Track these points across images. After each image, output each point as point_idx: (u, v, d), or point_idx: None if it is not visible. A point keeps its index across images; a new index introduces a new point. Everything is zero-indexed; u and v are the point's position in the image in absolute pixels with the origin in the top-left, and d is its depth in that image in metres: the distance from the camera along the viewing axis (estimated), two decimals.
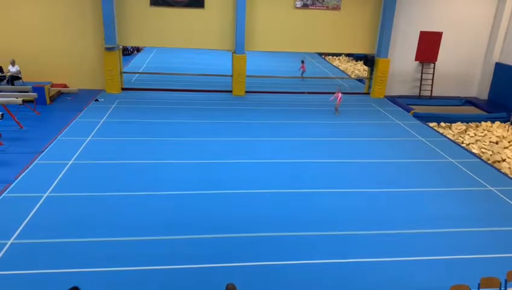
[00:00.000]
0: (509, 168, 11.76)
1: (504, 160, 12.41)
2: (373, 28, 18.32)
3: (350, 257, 7.13)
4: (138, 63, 25.93)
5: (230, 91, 18.28)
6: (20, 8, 16.26)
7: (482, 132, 14.83)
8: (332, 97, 15.77)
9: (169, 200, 8.76)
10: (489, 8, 18.55)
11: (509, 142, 13.92)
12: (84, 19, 16.67)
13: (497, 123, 15.71)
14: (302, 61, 23.03)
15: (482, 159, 12.06)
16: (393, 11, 17.63)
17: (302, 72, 22.68)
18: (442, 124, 15.64)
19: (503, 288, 5.84)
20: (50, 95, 15.64)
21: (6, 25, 16.37)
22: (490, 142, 13.91)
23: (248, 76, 18.12)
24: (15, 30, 16.47)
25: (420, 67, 19.25)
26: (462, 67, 19.43)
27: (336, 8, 17.79)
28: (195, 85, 19.13)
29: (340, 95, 15.56)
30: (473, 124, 15.65)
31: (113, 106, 15.46)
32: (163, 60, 27.31)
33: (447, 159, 11.84)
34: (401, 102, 17.80)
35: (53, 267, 6.49)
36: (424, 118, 15.75)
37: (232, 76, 18.15)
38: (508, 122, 15.89)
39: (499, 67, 18.76)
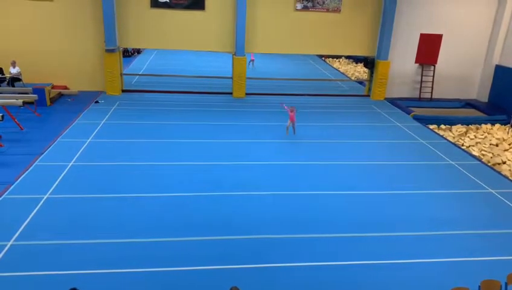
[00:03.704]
0: (510, 170, 11.75)
1: (504, 162, 12.41)
2: (373, 30, 18.35)
3: (350, 259, 7.12)
4: (138, 64, 25.98)
5: (231, 93, 18.29)
6: (21, 9, 16.28)
7: (482, 134, 14.84)
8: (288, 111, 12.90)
9: (170, 202, 8.75)
10: (489, 10, 18.58)
11: (509, 144, 13.91)
12: (84, 20, 16.69)
13: (497, 125, 15.71)
14: (252, 61, 25.52)
15: (482, 162, 12.06)
16: (394, 13, 17.66)
17: (250, 61, 25.10)
18: (442, 126, 15.64)
19: None
20: (50, 96, 15.65)
21: (7, 27, 16.38)
22: (490, 144, 13.90)
23: (248, 78, 18.13)
24: (16, 32, 16.49)
25: (420, 70, 19.27)
26: (462, 69, 19.45)
27: (336, 10, 17.82)
28: (195, 87, 19.13)
29: (292, 113, 12.77)
30: (473, 127, 15.66)
31: (113, 107, 15.47)
32: (164, 62, 27.34)
33: (447, 161, 11.84)
34: (401, 104, 17.81)
35: (53, 268, 6.49)
36: (424, 120, 15.75)
37: (232, 78, 18.17)
38: (508, 125, 15.89)
39: (499, 69, 18.78)
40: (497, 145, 13.79)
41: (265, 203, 8.91)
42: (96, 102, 16.03)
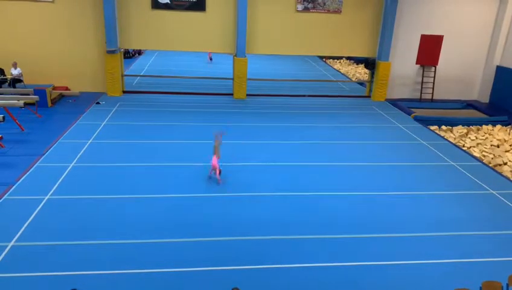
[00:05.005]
0: (511, 171, 11.73)
1: (505, 163, 12.39)
2: (374, 31, 18.35)
3: (351, 260, 7.12)
4: (139, 66, 25.99)
5: (231, 94, 18.31)
6: (22, 10, 16.32)
7: (483, 135, 14.81)
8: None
9: (171, 203, 8.76)
10: (490, 11, 18.57)
11: (510, 145, 13.88)
12: (85, 22, 16.73)
13: (498, 126, 15.68)
14: (210, 57, 28.68)
15: (483, 163, 12.04)
16: (394, 14, 17.66)
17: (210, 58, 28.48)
18: (443, 127, 15.62)
19: None
20: (51, 97, 15.68)
21: (8, 28, 16.43)
22: (491, 145, 13.88)
23: (249, 79, 18.15)
24: (17, 33, 16.53)
25: (421, 71, 19.26)
26: (463, 70, 19.43)
27: (337, 11, 17.83)
28: (196, 88, 19.16)
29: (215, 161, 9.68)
30: (474, 128, 15.63)
31: (114, 108, 15.49)
32: (165, 63, 27.37)
33: (448, 162, 11.83)
34: (402, 105, 17.80)
35: (54, 269, 6.49)
36: (425, 121, 15.73)
37: (233, 79, 18.18)
38: (510, 126, 15.86)
39: (500, 70, 18.76)
40: (498, 146, 13.76)
41: (266, 204, 8.90)
42: (97, 103, 16.05)
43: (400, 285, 6.56)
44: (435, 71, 19.21)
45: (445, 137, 14.31)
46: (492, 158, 12.69)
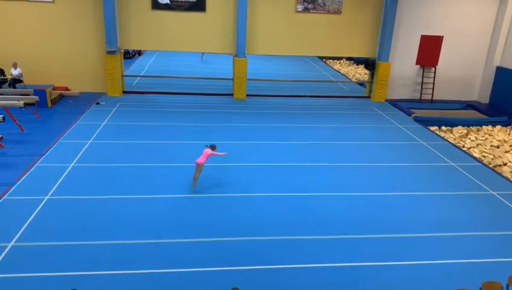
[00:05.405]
0: (511, 172, 11.73)
1: (505, 164, 12.38)
2: (374, 31, 18.36)
3: (352, 260, 7.12)
4: (139, 66, 25.98)
5: (231, 94, 18.31)
6: (23, 11, 16.32)
7: (483, 136, 14.81)
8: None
9: (171, 204, 8.76)
10: (490, 12, 18.58)
11: (510, 146, 13.88)
12: (86, 22, 16.73)
13: (498, 127, 15.68)
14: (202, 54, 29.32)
15: (483, 163, 12.04)
16: (394, 14, 17.66)
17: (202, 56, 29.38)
18: (443, 127, 15.62)
19: None
20: (51, 98, 15.68)
21: (8, 28, 16.43)
22: (491, 146, 13.88)
23: (249, 79, 18.15)
24: (17, 33, 16.54)
25: (421, 71, 19.27)
26: (463, 71, 19.44)
27: (337, 11, 17.84)
28: (196, 88, 19.16)
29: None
30: (474, 128, 15.63)
31: (114, 109, 15.49)
32: (164, 63, 27.36)
33: (448, 163, 11.83)
34: (402, 106, 17.80)
35: (54, 270, 6.49)
36: (425, 122, 15.74)
37: (233, 79, 18.18)
38: (509, 126, 15.86)
39: (500, 71, 18.77)
40: (498, 147, 13.76)
41: (265, 205, 8.91)
42: (97, 103, 16.05)
43: (399, 285, 6.56)
44: (434, 72, 19.22)
45: (445, 138, 14.31)
46: (492, 159, 12.69)
